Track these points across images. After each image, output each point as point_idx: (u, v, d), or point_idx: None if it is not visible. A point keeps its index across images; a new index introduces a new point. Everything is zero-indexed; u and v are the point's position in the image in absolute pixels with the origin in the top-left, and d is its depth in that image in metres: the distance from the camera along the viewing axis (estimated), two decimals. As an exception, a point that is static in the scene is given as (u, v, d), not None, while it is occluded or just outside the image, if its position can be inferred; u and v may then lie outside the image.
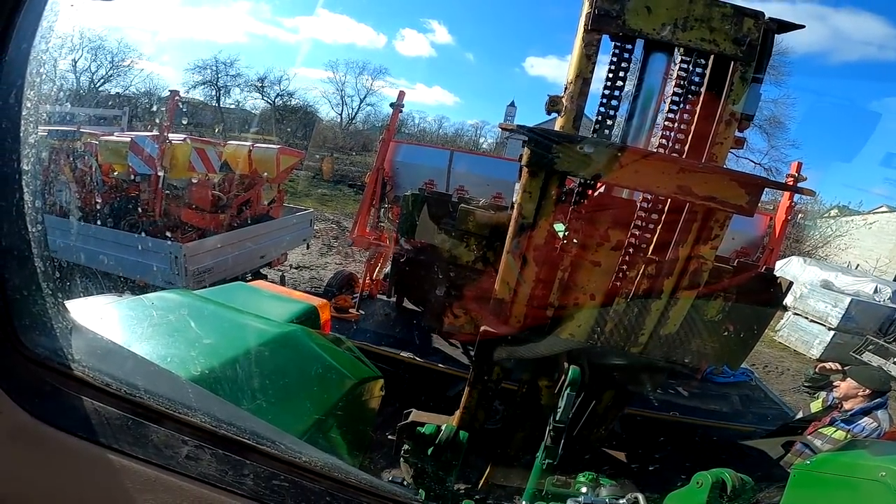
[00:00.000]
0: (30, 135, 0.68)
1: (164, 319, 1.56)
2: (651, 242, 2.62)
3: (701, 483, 1.79)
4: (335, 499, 0.75)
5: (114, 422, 0.70)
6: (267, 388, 1.45)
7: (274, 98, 33.32)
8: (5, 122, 0.64)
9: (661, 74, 2.53)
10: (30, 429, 0.65)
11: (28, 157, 0.68)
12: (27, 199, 0.68)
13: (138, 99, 28.64)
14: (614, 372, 2.82)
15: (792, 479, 1.79)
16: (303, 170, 20.32)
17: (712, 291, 3.23)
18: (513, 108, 30.84)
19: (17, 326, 0.69)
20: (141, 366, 0.96)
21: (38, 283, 0.73)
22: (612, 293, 2.78)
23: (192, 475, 0.69)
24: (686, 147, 2.51)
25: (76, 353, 0.76)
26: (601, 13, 2.29)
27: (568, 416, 2.43)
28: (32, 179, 0.70)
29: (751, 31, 2.28)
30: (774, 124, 23.17)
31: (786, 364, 12.41)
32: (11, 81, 0.65)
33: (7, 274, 0.66)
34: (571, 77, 2.39)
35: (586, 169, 2.36)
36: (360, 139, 30.73)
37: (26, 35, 0.62)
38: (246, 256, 8.26)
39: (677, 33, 2.34)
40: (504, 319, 2.73)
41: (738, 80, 2.33)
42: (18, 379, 0.67)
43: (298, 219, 10.38)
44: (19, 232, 0.68)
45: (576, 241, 2.65)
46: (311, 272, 11.69)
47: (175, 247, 6.91)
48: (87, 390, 0.72)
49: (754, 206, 2.38)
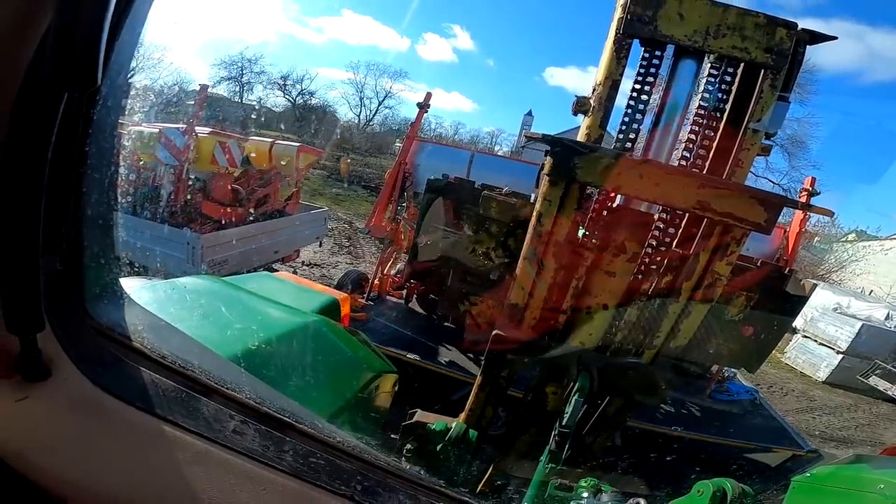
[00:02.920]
0: (123, 135, 0.73)
1: (197, 303, 1.63)
2: (666, 256, 2.64)
3: (701, 492, 1.82)
4: (366, 478, 0.78)
5: (169, 394, 0.75)
6: (292, 373, 1.51)
7: (295, 97, 33.79)
8: (112, 101, 0.68)
9: (689, 83, 2.55)
10: (91, 398, 0.69)
11: (121, 151, 0.73)
12: (120, 174, 0.73)
13: (165, 91, 29.13)
14: (623, 381, 2.83)
15: (791, 490, 1.80)
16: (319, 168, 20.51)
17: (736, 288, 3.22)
18: (530, 118, 30.83)
19: (85, 295, 0.74)
20: (188, 342, 1.01)
21: (109, 253, 0.78)
22: (624, 303, 2.80)
23: (238, 449, 0.72)
24: (709, 157, 2.52)
25: (134, 326, 0.81)
26: (634, 18, 2.32)
27: (574, 421, 2.45)
28: (119, 170, 0.76)
29: (783, 41, 2.29)
30: (797, 144, 22.83)
31: (791, 385, 12.26)
32: (122, 63, 0.66)
33: (87, 242, 0.70)
34: (600, 79, 2.41)
35: (607, 180, 2.38)
36: (377, 141, 30.95)
37: (140, 21, 0.66)
38: (260, 250, 8.38)
39: (709, 40, 2.35)
40: (517, 323, 2.76)
41: (767, 89, 2.33)
42: (84, 347, 0.72)
43: (313, 217, 10.49)
44: (108, 204, 0.72)
45: (591, 250, 2.67)
46: (322, 270, 11.78)
47: (193, 237, 7.04)
48: (145, 362, 0.77)
49: (772, 224, 2.39)
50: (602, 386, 2.77)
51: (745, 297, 3.38)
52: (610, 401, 3.14)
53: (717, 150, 2.46)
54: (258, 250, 8.31)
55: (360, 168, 25.53)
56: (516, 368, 2.95)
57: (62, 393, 0.68)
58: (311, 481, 0.71)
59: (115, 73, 0.63)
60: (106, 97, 0.64)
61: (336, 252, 13.72)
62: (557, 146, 2.34)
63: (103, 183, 0.69)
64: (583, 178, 2.36)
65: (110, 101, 0.65)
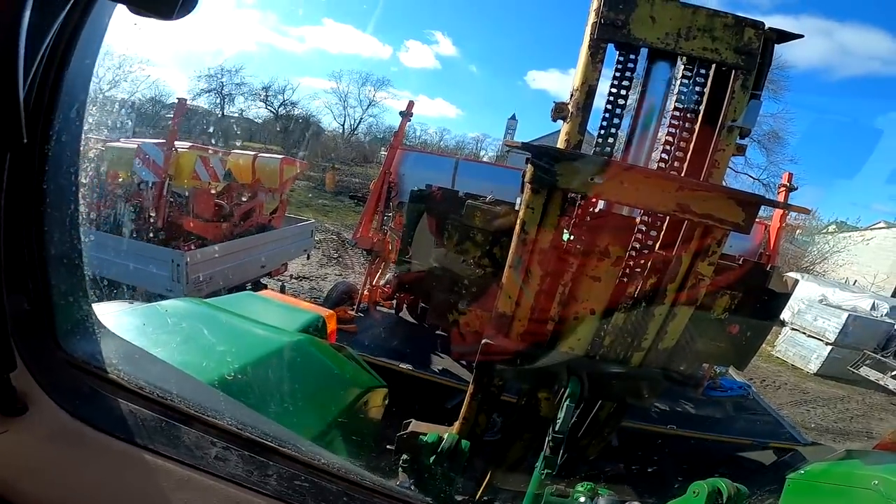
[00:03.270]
0: (89, 150, 0.73)
1: (178, 327, 1.61)
2: (650, 259, 2.67)
3: (697, 492, 1.83)
4: (351, 499, 0.78)
5: (148, 423, 0.74)
6: (277, 394, 1.49)
7: (277, 107, 33.61)
8: (66, 136, 0.68)
9: (663, 85, 2.60)
10: (70, 429, 0.69)
11: (86, 170, 0.73)
12: (81, 211, 0.73)
13: (143, 105, 28.73)
14: (613, 384, 2.85)
15: (787, 488, 1.82)
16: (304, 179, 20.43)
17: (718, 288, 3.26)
18: (514, 122, 31.10)
19: (57, 331, 0.74)
20: (167, 370, 1.00)
21: (77, 289, 0.78)
22: (611, 308, 2.82)
23: (221, 475, 0.72)
24: (687, 158, 2.57)
25: (109, 358, 0.80)
26: (607, 22, 2.36)
27: (567, 426, 2.45)
28: (88, 192, 0.75)
29: (751, 41, 2.35)
30: (773, 139, 23.37)
31: (783, 378, 12.43)
32: (74, 96, 0.68)
33: (54, 280, 0.70)
34: (577, 84, 2.43)
35: (588, 186, 2.41)
36: (362, 150, 30.94)
37: (89, 52, 0.67)
38: (247, 266, 8.29)
39: (680, 42, 2.40)
40: (505, 332, 2.77)
41: (738, 89, 2.39)
42: (59, 381, 0.71)
43: (299, 229, 10.43)
44: (71, 241, 0.72)
45: (576, 256, 2.69)
46: (311, 282, 11.71)
47: (177, 254, 6.94)
48: (122, 393, 0.76)
49: (751, 223, 2.44)
50: (593, 391, 2.78)
51: (729, 295, 3.43)
52: (602, 405, 3.15)
53: (693, 151, 2.51)
54: (245, 265, 8.22)
55: (347, 178, 25.49)
56: (507, 377, 2.96)
57: (40, 426, 0.68)
58: (297, 503, 0.71)
59: (66, 106, 0.63)
60: (59, 132, 0.63)
61: (325, 264, 13.64)
62: (537, 154, 2.37)
63: (65, 221, 0.69)
64: (564, 185, 2.39)
65: (64, 136, 0.65)
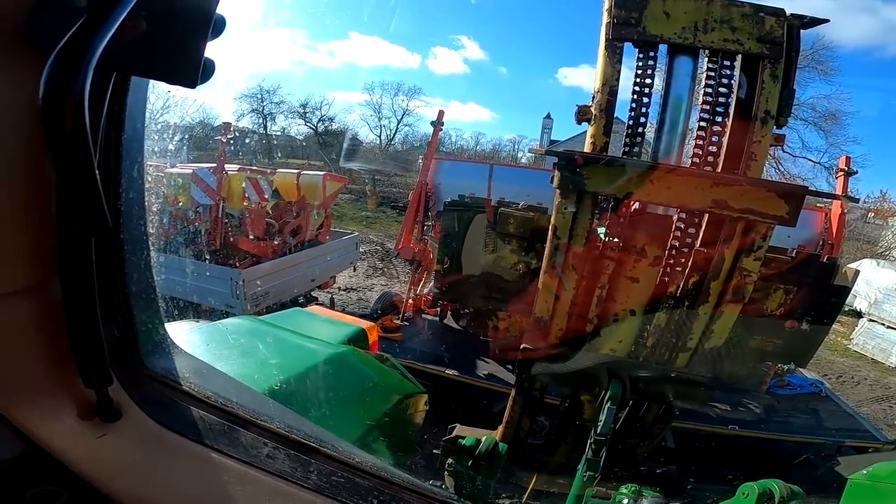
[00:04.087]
0: (153, 204, 0.89)
1: (237, 342, 1.81)
2: (689, 257, 2.62)
3: (747, 494, 1.79)
4: (382, 494, 0.89)
5: (213, 427, 0.89)
6: (323, 401, 1.64)
7: (316, 123, 34.88)
8: (133, 193, 0.84)
9: (688, 78, 2.55)
10: (155, 433, 0.84)
11: (152, 221, 0.89)
12: (153, 255, 0.89)
13: (193, 128, 30.52)
14: (656, 386, 2.80)
15: (848, 489, 1.73)
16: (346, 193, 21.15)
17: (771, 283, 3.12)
18: (549, 121, 30.48)
19: (140, 351, 0.89)
20: (228, 381, 1.16)
21: (154, 317, 0.94)
22: (652, 308, 2.78)
23: (271, 471, 0.85)
24: (721, 153, 2.50)
25: (182, 372, 0.96)
26: (620, 21, 2.37)
27: (609, 429, 2.45)
28: (156, 239, 0.92)
29: (774, 28, 2.28)
30: (831, 121, 21.54)
31: (862, 374, 11.36)
32: (133, 158, 0.84)
33: (136, 312, 0.86)
34: (598, 86, 2.45)
35: (617, 188, 2.41)
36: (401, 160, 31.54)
37: (138, 118, 0.82)
38: (298, 280, 8.72)
39: (699, 36, 2.37)
40: (544, 336, 2.80)
41: (768, 78, 2.32)
42: (144, 393, 0.86)
43: (345, 243, 10.84)
44: (147, 280, 0.89)
45: (612, 258, 2.68)
46: (359, 294, 12.09)
47: (235, 272, 7.45)
48: (193, 401, 0.91)
49: (795, 216, 2.33)
50: (636, 393, 2.75)
51: (783, 290, 3.28)
52: (648, 406, 3.10)
53: (728, 145, 2.45)
54: (296, 280, 8.67)
55: (387, 189, 26.07)
56: (548, 381, 2.98)
57: (131, 430, 0.84)
58: (333, 497, 0.83)
59: (128, 169, 0.78)
60: (126, 191, 0.79)
61: (371, 275, 14.05)
62: (563, 159, 2.40)
63: (140, 264, 0.86)
64: (592, 188, 2.40)
65: (131, 193, 0.80)
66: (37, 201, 0.64)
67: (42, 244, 0.66)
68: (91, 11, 0.50)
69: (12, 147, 0.60)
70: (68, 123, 0.49)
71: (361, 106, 44.39)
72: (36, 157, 0.61)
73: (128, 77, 0.73)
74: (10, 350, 0.69)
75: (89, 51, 0.48)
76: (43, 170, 0.62)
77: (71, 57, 0.48)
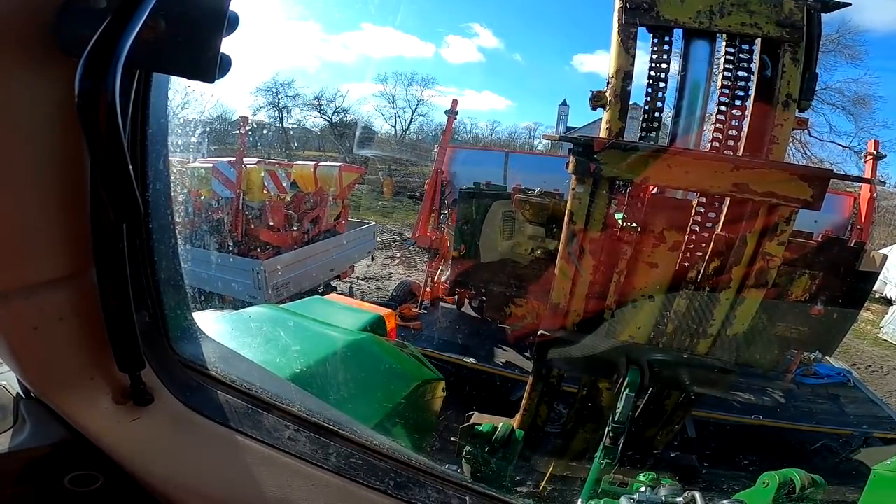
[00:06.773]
0: (178, 194, 0.93)
1: (259, 330, 1.87)
2: (710, 242, 2.58)
3: (767, 483, 1.77)
4: (399, 476, 0.92)
5: (238, 410, 0.93)
6: (342, 386, 1.70)
7: (331, 115, 34.98)
8: (160, 184, 0.88)
9: (705, 63, 2.49)
10: (184, 415, 0.89)
11: (178, 211, 0.93)
12: (179, 244, 0.93)
13: (211, 123, 30.98)
14: (676, 373, 2.78)
15: (872, 480, 1.69)
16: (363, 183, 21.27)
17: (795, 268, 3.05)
18: (566, 108, 29.88)
19: (170, 337, 0.94)
20: (251, 367, 1.21)
21: (182, 304, 0.98)
22: (672, 294, 2.75)
23: (292, 452, 0.89)
24: (742, 136, 2.44)
25: (209, 357, 1.00)
26: (633, 6, 2.32)
27: (626, 416, 2.45)
28: (182, 228, 0.96)
29: (793, 12, 2.22)
30: (860, 105, 20.62)
31: (892, 363, 10.97)
32: (158, 151, 0.87)
33: (165, 298, 0.91)
34: (612, 72, 2.42)
35: (634, 173, 2.38)
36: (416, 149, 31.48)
37: (161, 113, 0.85)
38: (317, 270, 8.87)
39: (715, 20, 2.31)
40: (560, 322, 2.80)
41: (789, 62, 2.26)
42: (174, 377, 0.91)
43: (362, 232, 10.95)
44: (175, 268, 0.93)
45: (630, 243, 2.66)
46: (377, 283, 12.22)
47: (256, 263, 7.62)
48: (219, 385, 0.96)
49: (820, 199, 2.27)
50: (654, 380, 2.73)
51: (809, 275, 3.19)
52: (668, 394, 3.08)
53: (749, 129, 2.39)
54: (315, 270, 8.82)
55: (403, 178, 26.13)
56: (564, 368, 2.98)
57: (163, 413, 0.89)
58: (351, 478, 0.86)
59: (155, 160, 0.82)
60: (154, 182, 0.83)
61: (388, 264, 14.17)
62: (578, 145, 2.38)
63: (168, 252, 0.90)
64: (608, 174, 2.38)
65: (158, 184, 0.84)
66: (72, 195, 0.68)
67: (79, 235, 0.71)
68: (114, 13, 0.52)
69: (49, 145, 0.64)
70: (102, 117, 0.52)
71: (375, 97, 44.22)
72: (70, 154, 0.65)
73: (150, 74, 0.76)
74: (51, 336, 0.74)
75: (116, 50, 0.51)
76: (77, 166, 0.66)
77: (100, 57, 0.51)
